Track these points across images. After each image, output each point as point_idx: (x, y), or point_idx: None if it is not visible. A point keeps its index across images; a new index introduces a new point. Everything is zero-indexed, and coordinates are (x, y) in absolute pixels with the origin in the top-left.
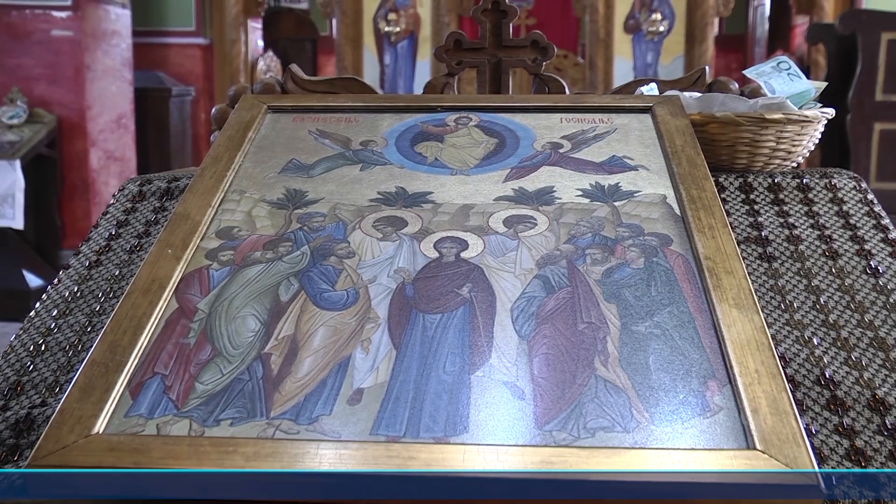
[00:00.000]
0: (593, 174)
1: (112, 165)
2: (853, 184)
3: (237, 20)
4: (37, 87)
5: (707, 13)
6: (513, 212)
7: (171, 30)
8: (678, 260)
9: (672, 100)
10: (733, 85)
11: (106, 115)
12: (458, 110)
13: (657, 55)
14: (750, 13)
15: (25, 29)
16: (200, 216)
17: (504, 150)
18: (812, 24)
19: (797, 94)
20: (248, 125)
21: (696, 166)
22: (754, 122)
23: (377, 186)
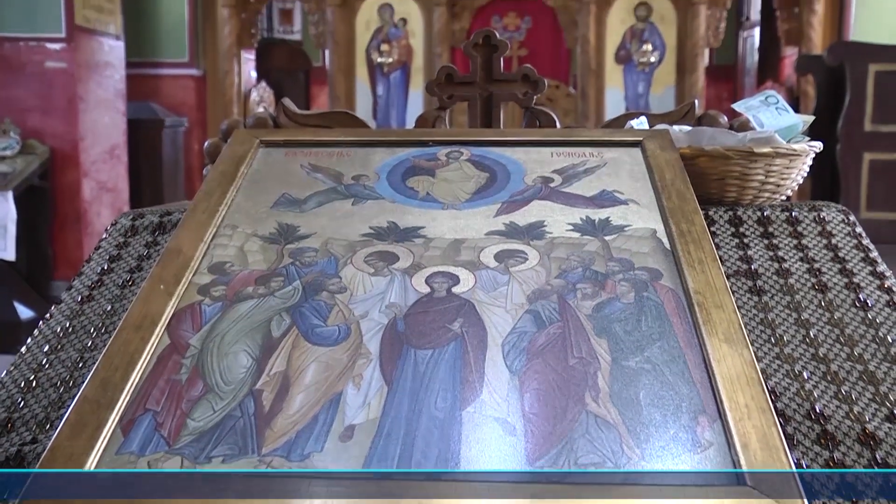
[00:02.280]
0: (584, 208)
1: (104, 196)
2: (841, 217)
3: (230, 51)
4: (30, 118)
5: (697, 44)
6: (504, 246)
7: (164, 61)
8: (668, 294)
9: (662, 134)
10: (722, 118)
11: (99, 145)
12: (449, 144)
13: (648, 85)
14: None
15: (19, 61)
16: (193, 251)
17: (495, 184)
18: (801, 55)
19: (785, 128)
20: (240, 159)
21: (686, 200)
22: (743, 156)
23: (369, 221)
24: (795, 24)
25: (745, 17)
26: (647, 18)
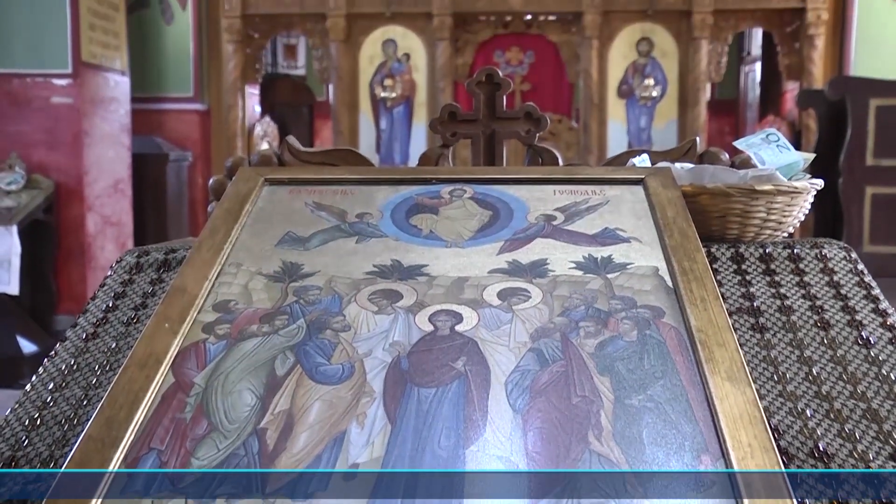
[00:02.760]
0: (586, 246)
1: (108, 230)
2: (843, 254)
3: (234, 86)
4: (35, 152)
5: (699, 78)
6: (507, 284)
7: (169, 96)
8: (671, 332)
9: (663, 171)
10: (724, 156)
11: (103, 180)
12: (452, 182)
13: (650, 119)
14: (741, 78)
15: (26, 96)
16: (197, 289)
17: (498, 222)
18: (802, 89)
19: (786, 166)
20: (245, 197)
21: (688, 238)
22: (745, 194)
23: (373, 259)
24: (796, 59)
25: (747, 52)
26: (648, 53)
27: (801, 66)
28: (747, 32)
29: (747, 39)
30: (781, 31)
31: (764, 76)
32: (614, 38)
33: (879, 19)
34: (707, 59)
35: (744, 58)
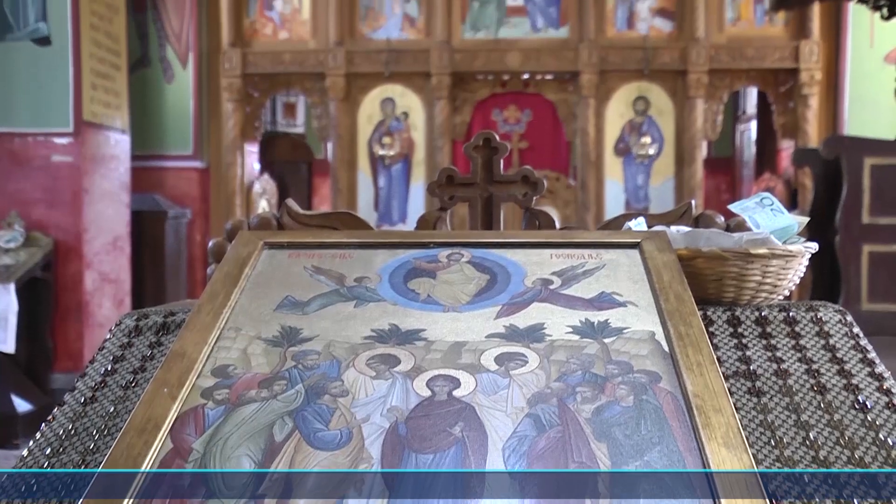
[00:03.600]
0: (583, 310)
1: (106, 287)
2: (839, 317)
3: (234, 144)
4: (35, 210)
5: (695, 137)
6: (504, 349)
7: (169, 154)
8: (667, 398)
9: (659, 235)
10: (719, 218)
11: (102, 237)
12: (450, 246)
13: (647, 177)
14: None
15: (27, 155)
16: (196, 354)
17: (495, 286)
18: (797, 148)
19: (781, 229)
20: (244, 261)
21: (684, 302)
22: (740, 257)
23: (371, 323)
24: (791, 118)
25: (742, 110)
26: (645, 112)
27: (795, 124)
28: (742, 91)
29: (742, 98)
30: (776, 91)
31: (759, 134)
32: (611, 96)
33: (870, 79)
34: (703, 118)
35: (739, 116)
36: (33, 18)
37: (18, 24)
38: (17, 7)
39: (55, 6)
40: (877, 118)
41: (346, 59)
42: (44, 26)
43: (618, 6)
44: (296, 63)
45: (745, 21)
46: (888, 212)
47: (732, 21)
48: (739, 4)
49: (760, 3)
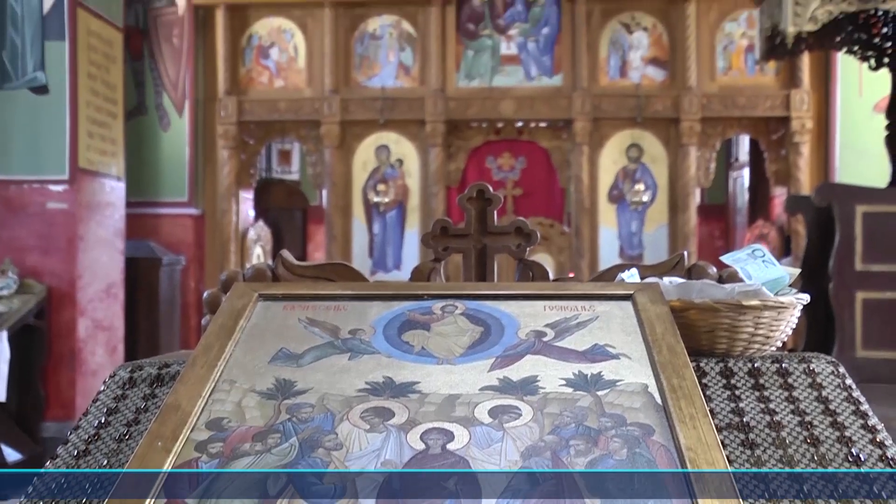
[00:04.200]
0: (576, 363)
1: (99, 334)
2: (831, 368)
3: (229, 191)
4: (29, 257)
5: (688, 184)
6: (497, 402)
7: (164, 200)
8: (660, 451)
9: (652, 287)
10: (711, 269)
11: (96, 284)
12: (443, 298)
13: (641, 224)
14: (730, 184)
15: (22, 202)
16: (191, 407)
17: (489, 338)
18: (789, 195)
19: (772, 281)
20: (239, 313)
21: (677, 354)
22: (732, 309)
23: (365, 376)
24: (783, 166)
25: (735, 158)
26: (638, 159)
27: (788, 172)
28: (735, 139)
29: (735, 146)
30: (768, 139)
31: (752, 181)
32: (604, 144)
33: (860, 128)
34: (696, 165)
35: (732, 164)
36: (32, 68)
37: (17, 73)
38: (16, 57)
39: (53, 56)
40: (867, 166)
41: (341, 106)
42: (42, 75)
43: (610, 55)
44: (291, 111)
45: (737, 70)
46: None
47: (724, 70)
48: (731, 54)
49: (751, 52)
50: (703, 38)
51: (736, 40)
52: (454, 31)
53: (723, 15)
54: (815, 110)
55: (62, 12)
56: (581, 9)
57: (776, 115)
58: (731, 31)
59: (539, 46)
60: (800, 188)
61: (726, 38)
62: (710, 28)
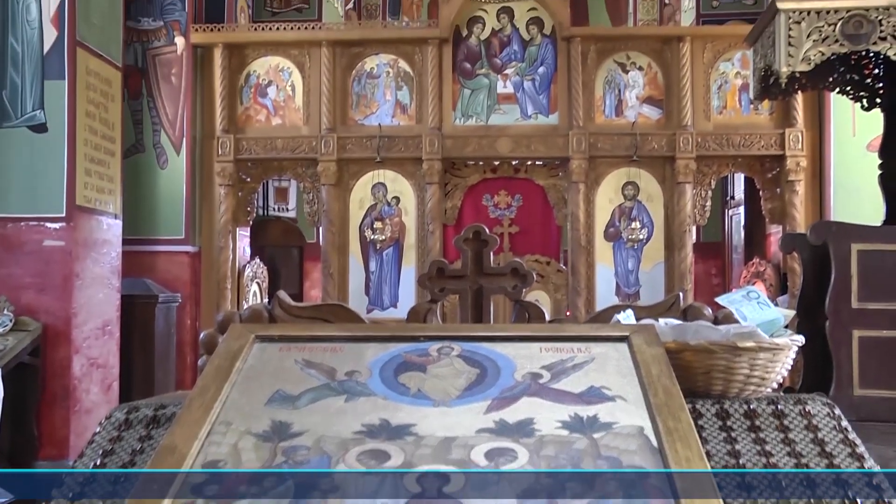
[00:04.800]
0: (572, 405)
1: (94, 373)
2: (827, 410)
3: (226, 228)
4: (25, 295)
5: (684, 222)
6: (494, 444)
7: (160, 238)
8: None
9: (647, 329)
10: (707, 310)
11: (91, 322)
12: (440, 340)
13: (638, 262)
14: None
15: (19, 240)
16: (187, 448)
17: (485, 380)
18: (785, 233)
19: (767, 322)
20: (235, 355)
21: (672, 396)
22: (727, 350)
23: (361, 418)
24: (779, 204)
25: (730, 196)
26: (634, 197)
27: (783, 210)
28: (730, 177)
29: (730, 184)
30: (763, 177)
31: (748, 219)
32: (600, 182)
33: (854, 167)
34: (692, 203)
35: (728, 201)
36: (31, 106)
37: (17, 112)
38: (16, 96)
39: (53, 95)
40: (861, 204)
41: (338, 144)
42: (41, 114)
43: (606, 94)
44: (288, 149)
45: (732, 109)
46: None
47: (719, 109)
48: (725, 93)
49: (746, 92)
50: (698, 78)
51: (730, 80)
52: (451, 71)
53: (717, 55)
54: (809, 149)
55: (62, 52)
56: (577, 48)
57: (771, 153)
58: (725, 70)
59: (535, 85)
60: (795, 226)
61: (721, 77)
62: (704, 68)
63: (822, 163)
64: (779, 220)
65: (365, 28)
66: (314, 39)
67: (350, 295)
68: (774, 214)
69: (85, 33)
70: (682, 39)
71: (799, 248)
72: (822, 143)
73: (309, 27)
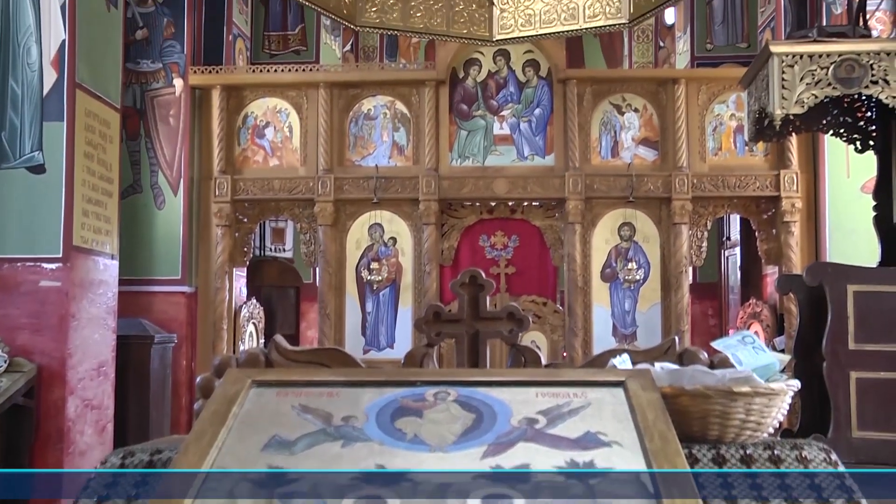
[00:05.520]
0: (568, 450)
1: (89, 414)
2: (823, 455)
3: (222, 269)
4: (20, 336)
5: (681, 262)
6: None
7: (157, 278)
8: None
9: (643, 373)
10: (703, 354)
11: (87, 363)
12: (436, 385)
13: (635, 302)
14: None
15: (15, 280)
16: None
17: (482, 425)
18: (781, 274)
19: (763, 367)
20: (232, 399)
21: (668, 441)
22: (723, 395)
23: (357, 464)
24: (775, 245)
25: (726, 237)
26: (630, 238)
27: (779, 251)
28: (726, 218)
29: (726, 225)
30: (759, 218)
31: (744, 259)
32: (597, 223)
33: (849, 208)
34: (688, 244)
35: (724, 242)
36: (30, 148)
37: (15, 153)
38: (14, 137)
39: (51, 136)
40: (857, 246)
41: (335, 185)
42: (39, 155)
43: (602, 136)
44: (285, 189)
45: (727, 151)
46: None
47: (714, 151)
48: (720, 135)
49: (740, 134)
50: (693, 120)
51: (725, 121)
52: (448, 112)
53: (712, 97)
54: (804, 190)
55: (62, 94)
56: (573, 90)
57: (766, 194)
58: (720, 112)
59: (532, 127)
60: (791, 267)
61: (716, 119)
62: (699, 109)
63: (818, 204)
64: (775, 260)
65: (362, 70)
66: (312, 81)
67: (346, 335)
68: (770, 255)
69: (84, 75)
70: (678, 82)
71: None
72: (816, 184)
73: (307, 69)
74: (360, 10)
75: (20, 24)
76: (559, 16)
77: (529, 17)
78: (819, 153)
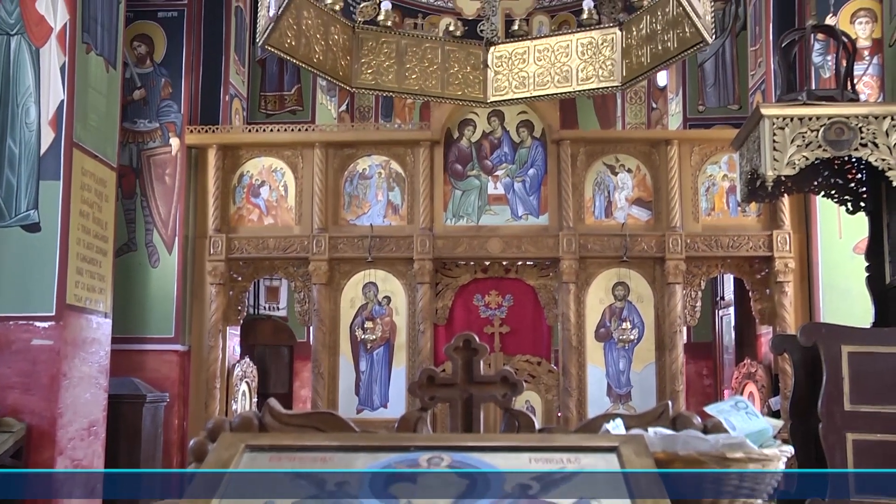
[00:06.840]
0: None
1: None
2: None
3: (216, 328)
4: (10, 395)
5: (675, 322)
6: None
7: (149, 336)
8: None
9: (636, 439)
10: (696, 419)
11: (77, 422)
12: (430, 450)
13: (629, 362)
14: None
15: (7, 339)
16: None
17: (475, 491)
18: (775, 335)
19: (756, 433)
20: (225, 465)
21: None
22: (716, 461)
23: None
24: (768, 305)
25: (720, 296)
26: (625, 297)
27: (773, 311)
28: (720, 278)
29: (720, 284)
30: (752, 278)
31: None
32: (591, 282)
33: (841, 269)
34: (682, 304)
35: (718, 302)
36: (25, 206)
37: (11, 212)
38: (10, 196)
39: (47, 195)
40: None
41: (330, 244)
42: (35, 213)
43: (596, 196)
44: (280, 248)
45: (720, 211)
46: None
47: (707, 211)
48: (713, 195)
49: (733, 194)
50: (686, 180)
51: (718, 182)
52: (442, 172)
53: (704, 158)
54: (797, 251)
55: (59, 153)
56: (566, 151)
57: (760, 254)
58: (712, 173)
59: (526, 187)
60: (786, 327)
61: (708, 179)
62: (692, 170)
63: (811, 264)
64: (769, 320)
65: (358, 130)
66: (307, 141)
67: (340, 395)
68: (764, 315)
69: (82, 135)
70: (670, 142)
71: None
72: (809, 244)
73: (302, 129)
74: (355, 71)
75: (20, 84)
76: (553, 78)
77: (523, 80)
78: (811, 214)
